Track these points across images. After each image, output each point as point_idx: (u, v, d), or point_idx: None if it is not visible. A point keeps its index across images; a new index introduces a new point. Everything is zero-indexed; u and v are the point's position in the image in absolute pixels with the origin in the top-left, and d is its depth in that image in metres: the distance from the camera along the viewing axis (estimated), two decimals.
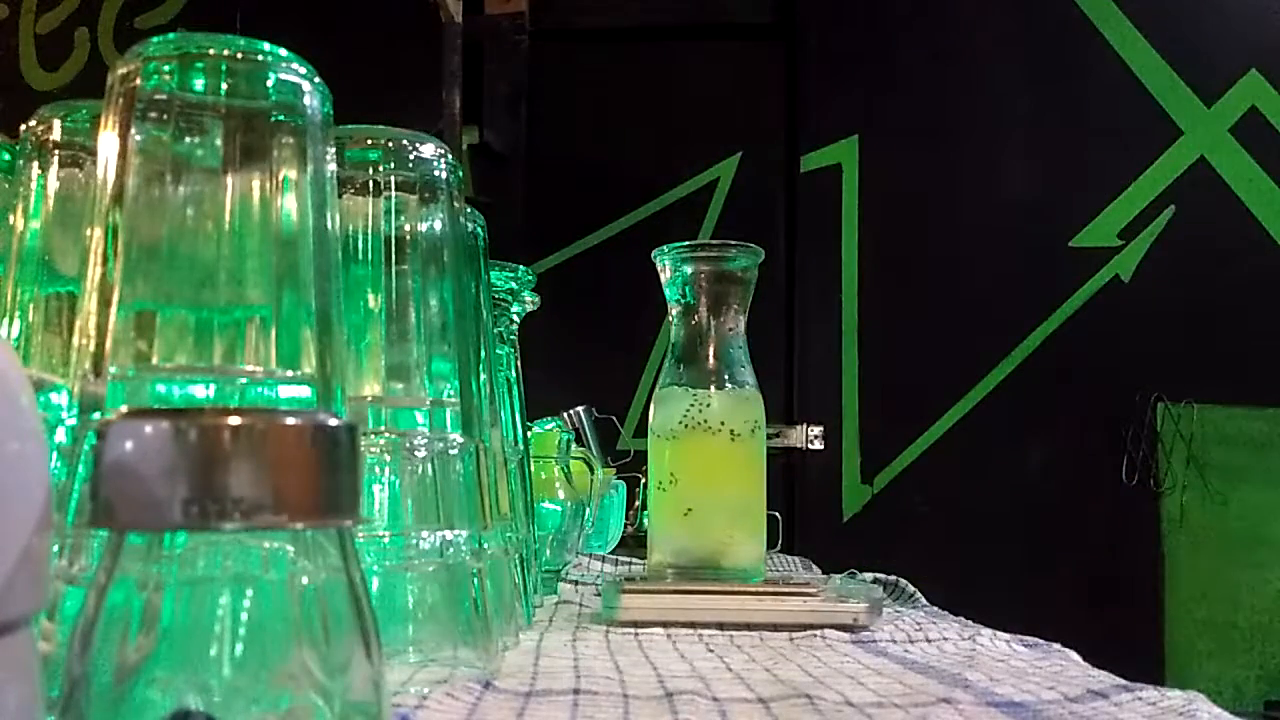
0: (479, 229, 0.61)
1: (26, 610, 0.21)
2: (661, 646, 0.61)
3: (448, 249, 0.50)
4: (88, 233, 0.37)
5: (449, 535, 0.47)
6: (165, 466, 0.22)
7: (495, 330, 0.70)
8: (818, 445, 2.38)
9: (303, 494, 0.23)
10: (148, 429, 0.23)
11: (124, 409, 0.27)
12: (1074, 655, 0.58)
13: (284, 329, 0.37)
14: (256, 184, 0.37)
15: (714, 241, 0.81)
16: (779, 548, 1.52)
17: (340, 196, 0.46)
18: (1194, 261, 2.35)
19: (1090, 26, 2.42)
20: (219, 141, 0.37)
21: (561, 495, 0.94)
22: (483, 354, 0.57)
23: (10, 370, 0.21)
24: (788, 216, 2.45)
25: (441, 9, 2.20)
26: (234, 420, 0.23)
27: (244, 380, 0.36)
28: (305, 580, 0.25)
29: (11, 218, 0.48)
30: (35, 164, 0.48)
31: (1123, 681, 0.48)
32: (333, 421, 0.24)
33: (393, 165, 0.49)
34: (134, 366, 0.35)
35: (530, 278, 0.74)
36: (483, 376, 0.56)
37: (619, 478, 1.41)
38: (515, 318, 0.75)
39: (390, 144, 0.49)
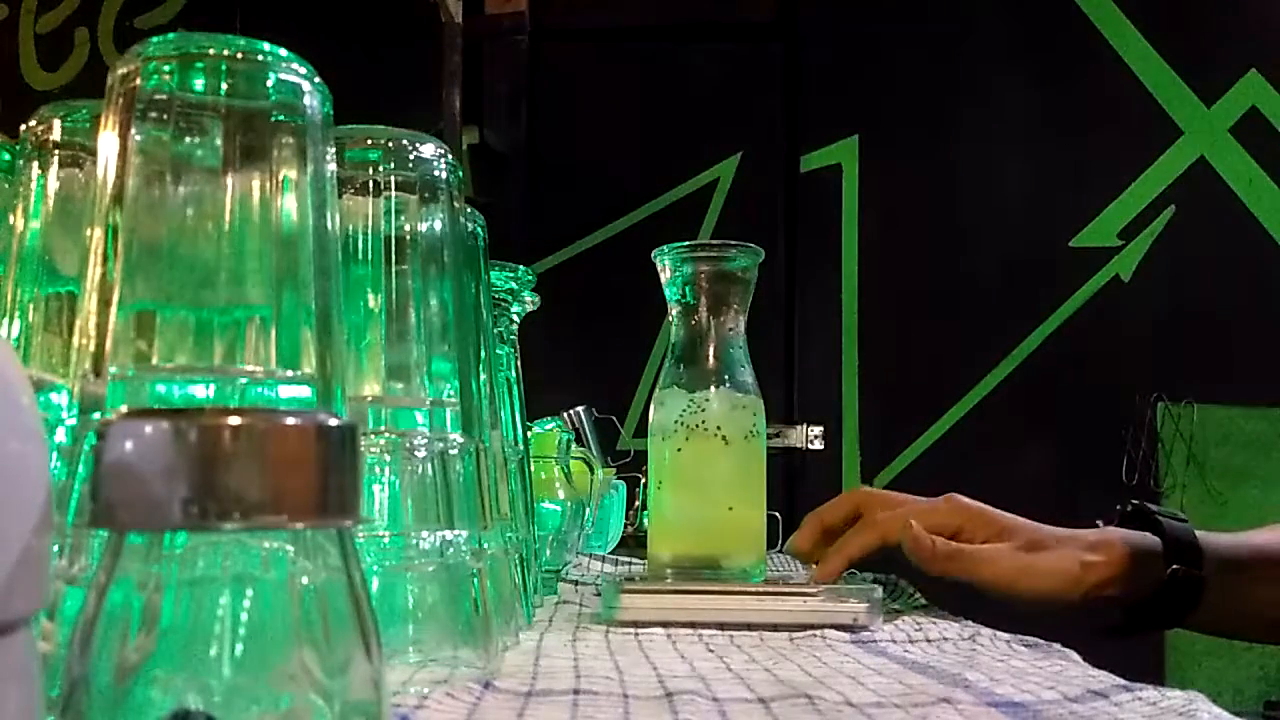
0: (479, 229, 0.61)
1: (26, 610, 0.21)
2: (661, 646, 0.61)
3: (448, 249, 0.50)
4: (88, 233, 0.37)
5: (449, 535, 0.47)
6: (165, 466, 0.22)
7: (495, 330, 0.70)
8: (818, 445, 2.38)
9: (303, 494, 0.23)
10: (148, 429, 0.23)
11: (124, 409, 0.27)
12: (1074, 655, 0.58)
13: (284, 329, 0.37)
14: (256, 184, 0.37)
15: (714, 241, 0.81)
16: (779, 548, 1.52)
17: (340, 196, 0.46)
18: (1194, 261, 2.35)
19: (1090, 26, 2.42)
20: (219, 141, 0.37)
21: (561, 495, 0.94)
22: (483, 354, 0.57)
23: (10, 370, 0.21)
24: (788, 216, 2.45)
25: (441, 9, 2.20)
26: (234, 420, 0.23)
27: (244, 380, 0.36)
28: (305, 580, 0.25)
29: (11, 218, 0.48)
30: (35, 164, 0.48)
31: (1123, 681, 0.48)
32: (333, 421, 0.24)
33: (393, 165, 0.49)
34: (134, 366, 0.35)
35: (530, 278, 0.74)
36: (483, 376, 0.56)
37: (619, 478, 1.41)
38: (515, 318, 0.75)
39: (390, 144, 0.49)
